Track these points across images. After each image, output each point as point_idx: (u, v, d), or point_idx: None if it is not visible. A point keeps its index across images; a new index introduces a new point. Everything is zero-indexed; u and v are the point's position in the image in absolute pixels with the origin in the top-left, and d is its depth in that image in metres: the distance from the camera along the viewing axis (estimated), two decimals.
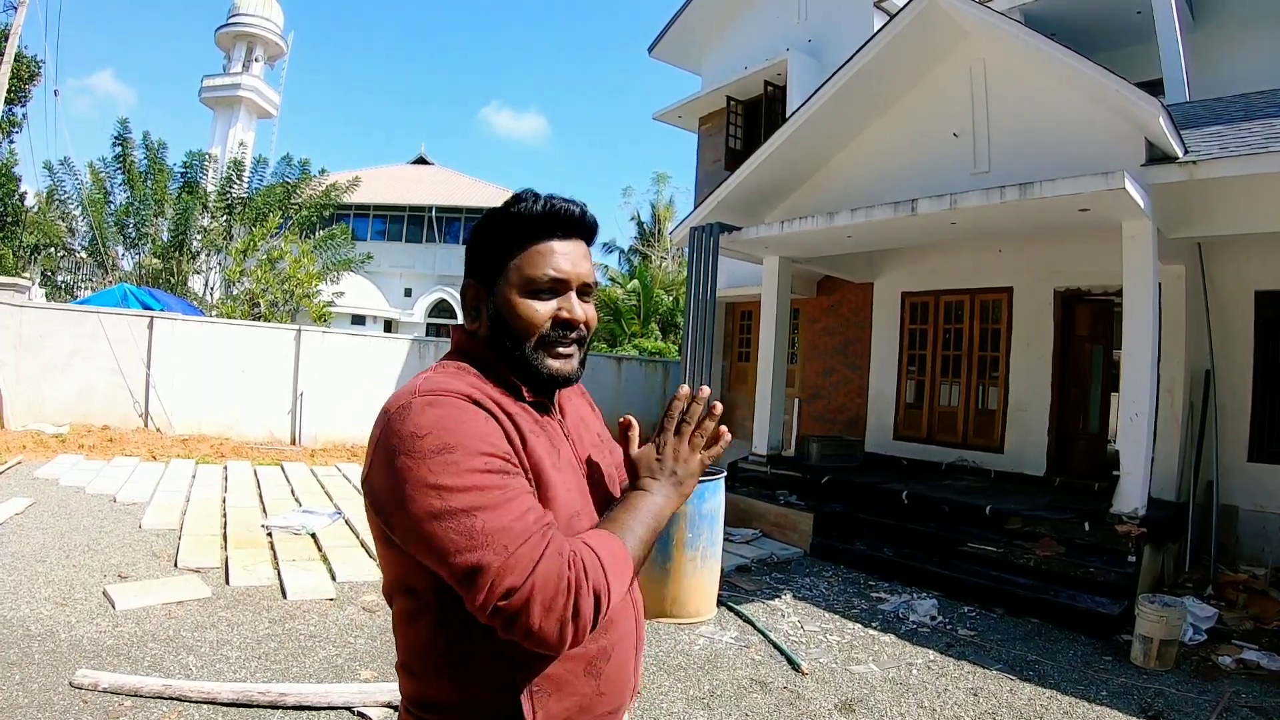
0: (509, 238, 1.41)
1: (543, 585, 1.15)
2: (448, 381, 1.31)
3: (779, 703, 4.71)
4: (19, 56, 18.19)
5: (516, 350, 1.41)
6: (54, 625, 5.09)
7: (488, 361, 1.43)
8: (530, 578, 1.14)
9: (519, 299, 1.39)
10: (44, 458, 11.02)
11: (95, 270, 20.71)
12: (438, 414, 1.24)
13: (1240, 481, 8.51)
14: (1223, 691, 5.21)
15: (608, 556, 1.24)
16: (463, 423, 1.24)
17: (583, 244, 1.46)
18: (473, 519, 1.16)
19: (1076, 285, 10.13)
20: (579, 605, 1.17)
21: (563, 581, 1.16)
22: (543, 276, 1.39)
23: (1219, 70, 10.45)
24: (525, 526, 1.19)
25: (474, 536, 1.16)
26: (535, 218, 1.40)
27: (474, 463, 1.20)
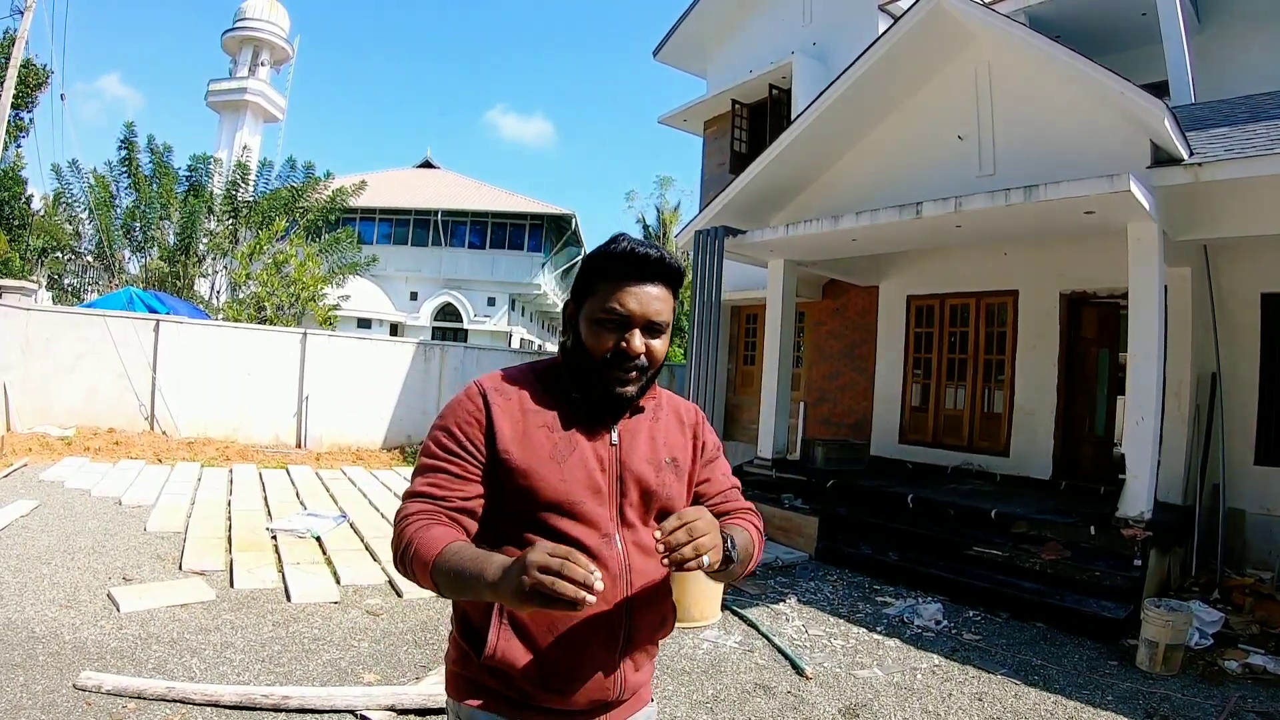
0: (596, 273, 1.65)
1: (397, 525, 1.57)
2: (497, 376, 1.71)
3: (783, 707, 4.69)
4: (26, 62, 18.28)
5: (587, 369, 1.64)
6: (58, 627, 5.09)
7: (559, 370, 1.72)
8: (402, 508, 1.59)
9: (589, 326, 1.63)
10: (50, 460, 11.05)
11: (102, 273, 20.76)
12: (457, 396, 1.69)
13: (1247, 485, 8.47)
14: (1229, 696, 5.18)
15: (419, 545, 1.48)
16: (457, 404, 1.66)
17: (660, 287, 1.64)
18: (419, 461, 1.66)
19: (1082, 288, 10.10)
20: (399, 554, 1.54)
21: (399, 528, 1.56)
22: (609, 309, 1.61)
23: (1224, 72, 10.42)
24: (412, 487, 1.62)
25: (419, 467, 1.65)
26: (615, 257, 1.62)
27: (437, 434, 1.64)
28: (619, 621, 1.64)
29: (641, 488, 1.70)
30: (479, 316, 30.69)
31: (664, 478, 1.74)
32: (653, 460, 1.73)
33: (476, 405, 1.63)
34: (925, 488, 9.41)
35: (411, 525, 1.52)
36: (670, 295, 1.67)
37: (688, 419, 1.88)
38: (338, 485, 11.05)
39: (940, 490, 9.32)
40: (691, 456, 1.85)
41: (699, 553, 1.41)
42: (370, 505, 9.74)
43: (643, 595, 1.69)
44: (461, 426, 1.61)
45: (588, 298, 1.65)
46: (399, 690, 4.40)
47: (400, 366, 16.23)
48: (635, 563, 1.67)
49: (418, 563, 1.45)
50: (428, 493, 1.58)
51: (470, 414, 1.62)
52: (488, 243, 31.30)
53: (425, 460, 1.63)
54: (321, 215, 23.07)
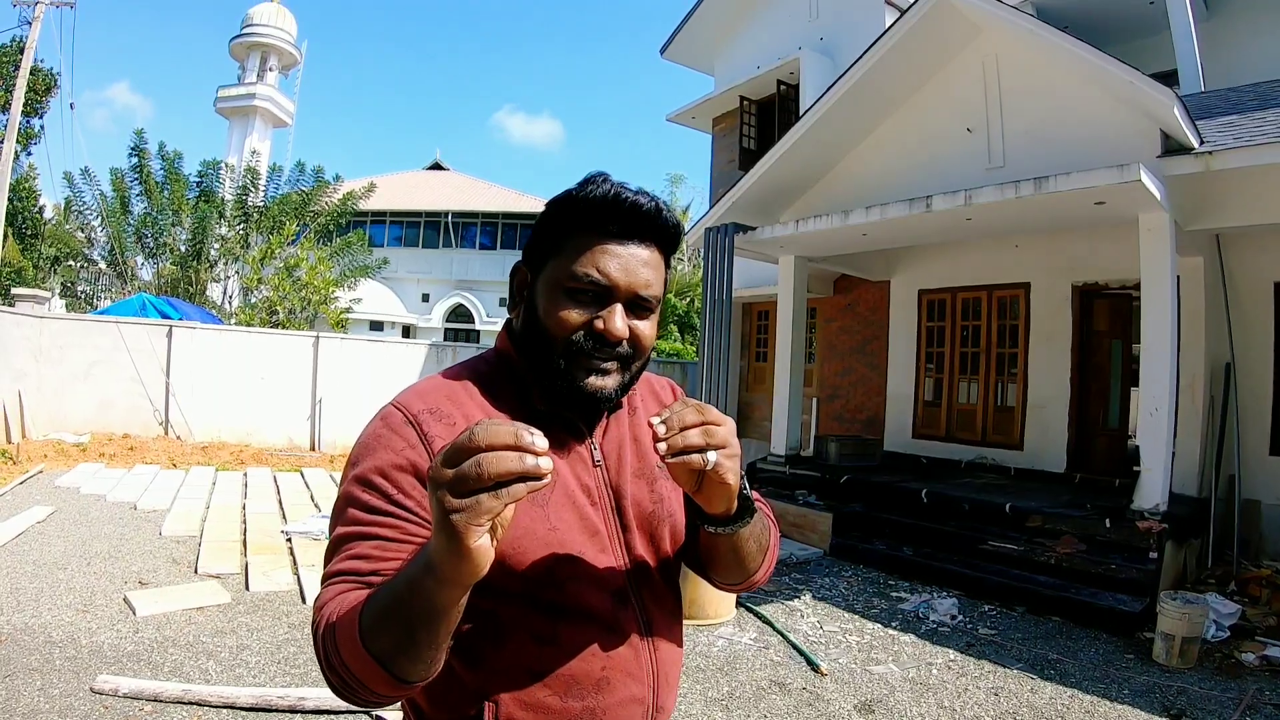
0: (565, 222, 1.21)
1: (314, 623, 1.06)
2: (425, 392, 1.21)
3: (798, 704, 4.69)
4: (35, 70, 18.36)
5: (544, 356, 1.20)
6: (75, 631, 5.12)
7: (511, 363, 1.27)
8: (320, 591, 1.08)
9: (554, 295, 1.20)
10: (65, 467, 11.11)
11: (114, 280, 20.90)
12: (374, 428, 1.17)
13: (1262, 476, 8.42)
14: (1246, 689, 5.16)
15: (340, 622, 1.00)
16: (379, 441, 1.14)
17: (651, 250, 1.23)
18: (332, 529, 1.14)
19: (1094, 280, 10.05)
20: (323, 657, 1.02)
21: (315, 630, 1.05)
22: (582, 275, 1.18)
23: (1233, 60, 10.34)
24: (328, 566, 1.10)
25: (330, 539, 1.14)
26: (592, 204, 1.19)
27: (354, 488, 1.12)
28: (646, 692, 1.26)
29: (642, 516, 1.31)
30: (491, 317, 30.69)
31: (661, 490, 1.35)
32: (644, 472, 1.33)
33: (407, 441, 1.13)
34: (939, 483, 9.39)
35: (324, 611, 1.04)
36: (663, 263, 1.26)
37: (666, 399, 1.46)
38: None
39: (954, 485, 9.29)
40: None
41: (709, 442, 1.03)
42: None
43: (666, 654, 1.31)
44: (388, 474, 1.11)
45: (551, 259, 1.22)
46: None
47: (413, 368, 16.26)
48: (655, 618, 1.29)
49: (344, 643, 0.97)
50: (350, 569, 1.07)
51: (399, 454, 1.12)
52: (499, 243, 31.30)
53: (342, 529, 1.11)
54: (332, 219, 23.17)
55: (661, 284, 1.25)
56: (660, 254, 1.25)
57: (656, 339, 1.30)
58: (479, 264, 30.99)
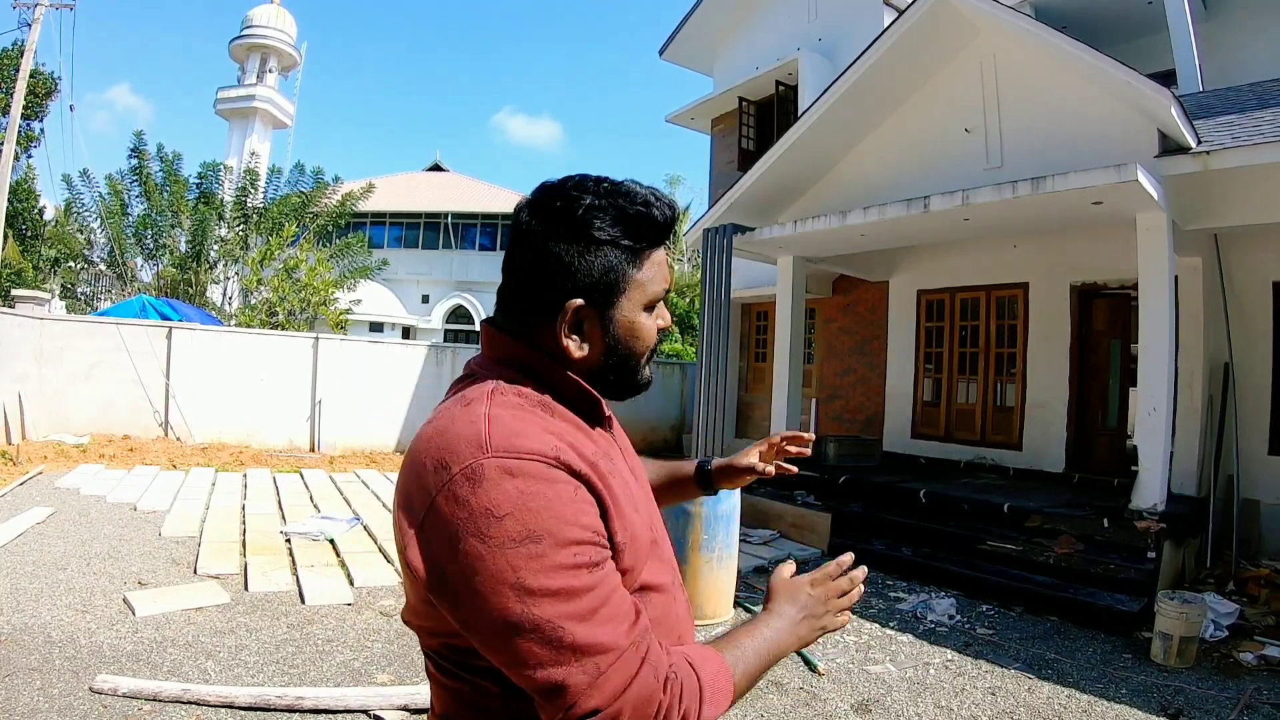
0: (631, 245, 1.18)
1: (632, 712, 0.98)
2: (523, 431, 1.07)
3: (795, 703, 4.70)
4: (35, 72, 18.40)
5: (629, 367, 1.23)
6: (75, 632, 5.13)
7: (566, 385, 1.21)
8: (619, 701, 0.98)
9: (638, 315, 1.21)
10: (65, 468, 11.12)
11: (114, 282, 20.93)
12: (520, 488, 1.00)
13: (1261, 475, 8.45)
14: (1244, 689, 5.16)
15: (709, 686, 1.07)
16: (551, 503, 1.00)
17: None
18: (559, 632, 0.96)
19: (1093, 280, 10.07)
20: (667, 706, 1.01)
21: (653, 708, 1.00)
22: (661, 293, 1.22)
23: (1232, 59, 10.37)
24: (614, 638, 0.99)
25: (560, 651, 0.97)
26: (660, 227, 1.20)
27: (563, 557, 0.99)
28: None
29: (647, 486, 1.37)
30: None
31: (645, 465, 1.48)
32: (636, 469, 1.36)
33: (574, 488, 1.04)
34: (938, 483, 9.40)
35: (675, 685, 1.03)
36: None
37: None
38: (351, 488, 11.08)
39: (953, 485, 9.31)
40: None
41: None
42: (383, 507, 9.75)
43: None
44: (582, 522, 1.03)
45: (620, 285, 1.18)
46: (412, 690, 4.42)
47: (413, 369, 16.27)
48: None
49: (712, 703, 1.06)
50: (641, 629, 1.03)
51: (578, 506, 1.03)
52: (498, 244, 31.27)
53: (582, 604, 0.98)
54: (331, 220, 23.19)
55: None
56: None
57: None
58: (479, 265, 30.99)
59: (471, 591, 0.98)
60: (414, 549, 1.04)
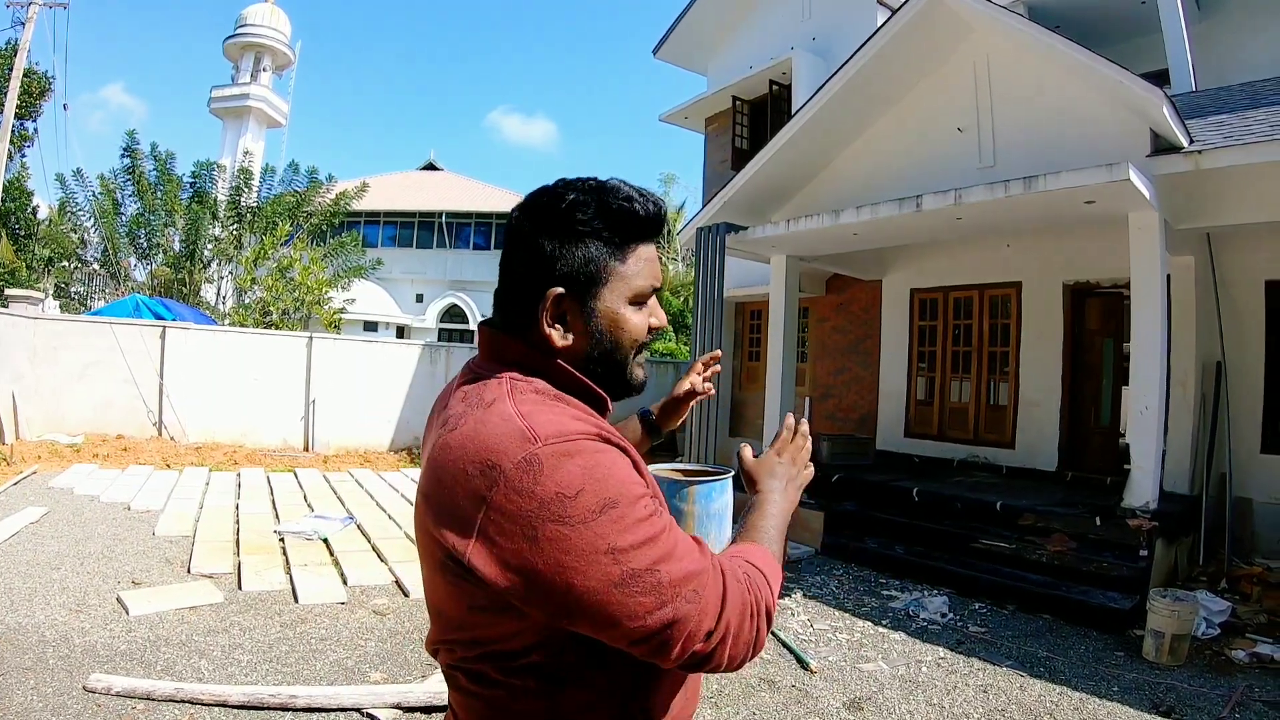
0: (614, 238, 1.21)
1: (736, 619, 1.08)
2: (557, 420, 1.10)
3: (787, 701, 4.71)
4: (29, 72, 18.38)
5: (615, 362, 1.25)
6: (68, 631, 5.13)
7: (565, 378, 1.23)
8: (723, 615, 1.07)
9: (623, 308, 1.23)
10: (59, 468, 11.11)
11: (108, 281, 20.87)
12: (582, 464, 1.05)
13: (1254, 474, 8.47)
14: (1236, 686, 5.19)
15: (769, 570, 1.19)
16: (611, 470, 1.07)
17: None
18: (657, 575, 1.03)
19: (1086, 278, 10.10)
20: (759, 627, 1.12)
21: (747, 609, 1.10)
22: (648, 288, 1.25)
23: (1225, 59, 10.41)
24: (699, 564, 1.08)
25: (663, 593, 1.03)
26: (640, 219, 1.22)
27: (638, 511, 1.05)
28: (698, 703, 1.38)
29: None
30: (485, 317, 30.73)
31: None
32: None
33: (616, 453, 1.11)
34: (931, 481, 9.42)
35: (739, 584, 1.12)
36: None
37: None
38: (345, 487, 11.08)
39: (946, 484, 9.33)
40: None
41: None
42: (377, 506, 9.77)
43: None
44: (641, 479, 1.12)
45: (601, 277, 1.21)
46: (405, 689, 4.43)
47: (407, 369, 16.27)
48: None
49: (776, 580, 1.20)
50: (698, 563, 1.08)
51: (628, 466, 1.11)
52: (493, 243, 31.27)
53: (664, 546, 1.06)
54: (325, 219, 23.12)
55: None
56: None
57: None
58: (473, 264, 30.98)
59: (566, 573, 1.01)
60: (480, 558, 1.04)
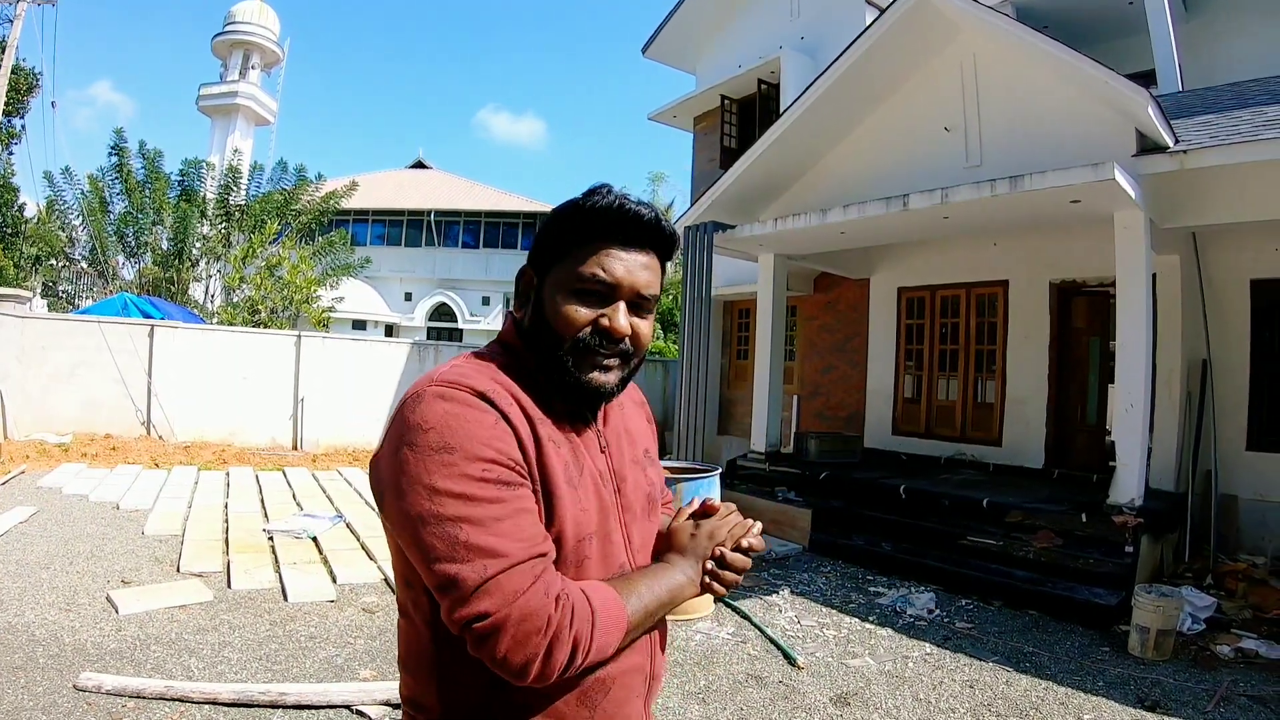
0: (571, 230, 1.29)
1: (519, 619, 1.09)
2: (469, 374, 1.22)
3: (774, 696, 4.74)
4: (16, 68, 18.25)
5: (552, 353, 1.28)
6: (58, 630, 5.13)
7: (524, 357, 1.33)
8: (508, 608, 1.08)
9: (561, 296, 1.28)
10: (47, 467, 11.08)
11: (96, 280, 20.79)
12: (445, 408, 1.15)
13: (1239, 471, 8.53)
14: (1221, 680, 5.23)
15: (602, 612, 1.17)
16: (468, 422, 1.15)
17: (650, 255, 1.33)
18: (457, 529, 1.10)
19: (1073, 277, 10.15)
20: (552, 649, 1.10)
21: (542, 620, 1.10)
22: (588, 275, 1.27)
23: (1212, 59, 10.48)
24: (511, 550, 1.11)
25: (454, 548, 1.09)
26: (598, 213, 1.27)
27: (471, 468, 1.12)
28: (647, 661, 1.40)
29: (639, 497, 1.43)
30: (474, 316, 30.67)
31: (651, 474, 1.50)
32: (638, 460, 1.47)
33: (494, 419, 1.18)
34: (918, 479, 9.45)
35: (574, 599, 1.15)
36: (660, 266, 1.35)
37: (638, 398, 1.60)
38: (334, 486, 11.08)
39: (933, 481, 9.36)
40: (654, 444, 1.61)
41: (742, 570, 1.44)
42: (366, 505, 9.76)
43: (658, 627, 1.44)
44: (501, 450, 1.16)
45: (558, 262, 1.30)
46: (394, 686, 4.43)
47: (395, 367, 16.26)
48: None
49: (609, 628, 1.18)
50: (543, 551, 1.16)
51: (495, 427, 1.17)
52: (481, 242, 31.27)
53: (492, 509, 1.12)
54: (314, 218, 23.09)
55: (659, 285, 1.35)
56: (658, 259, 1.35)
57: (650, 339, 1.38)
58: (462, 263, 30.95)
59: (396, 491, 1.15)
60: (375, 462, 1.24)
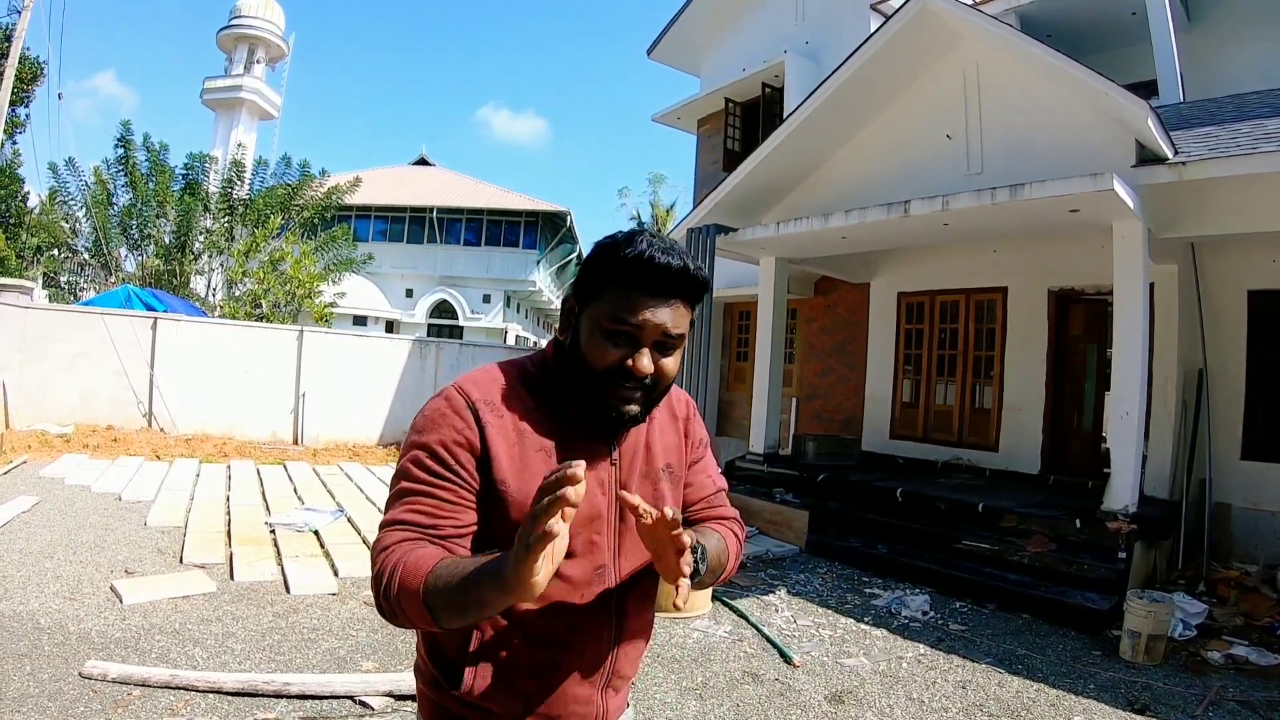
0: (606, 274, 1.42)
1: (376, 559, 1.34)
2: (481, 382, 1.47)
3: (770, 694, 4.80)
4: (21, 58, 18.27)
5: (584, 379, 1.43)
6: (63, 619, 5.19)
7: (557, 377, 1.51)
8: (377, 543, 1.36)
9: (594, 333, 1.42)
10: (49, 457, 11.13)
11: (99, 272, 20.80)
12: (435, 405, 1.44)
13: (1233, 479, 8.57)
14: (1210, 685, 5.29)
15: (400, 571, 1.27)
16: (439, 418, 1.41)
17: (677, 302, 1.44)
18: (392, 486, 1.43)
19: (1071, 285, 10.21)
20: (381, 590, 1.30)
21: (377, 566, 1.32)
22: (619, 321, 1.40)
23: (1214, 70, 10.53)
24: (391, 514, 1.38)
25: (390, 505, 1.41)
26: (631, 263, 1.39)
27: (419, 454, 1.40)
28: (605, 656, 1.53)
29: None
30: (474, 313, 30.74)
31: (662, 489, 1.60)
32: (650, 474, 1.59)
33: (466, 422, 1.40)
34: (915, 482, 9.52)
35: (392, 554, 1.30)
36: (690, 311, 1.47)
37: (679, 412, 1.73)
38: (335, 481, 11.14)
39: (930, 485, 9.43)
40: (683, 458, 1.71)
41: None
42: (367, 500, 9.82)
43: (632, 629, 1.58)
44: (449, 447, 1.38)
45: (593, 299, 1.44)
46: (396, 677, 4.51)
47: (396, 363, 16.32)
48: (629, 598, 1.55)
49: (405, 592, 1.24)
50: (411, 520, 1.36)
51: (459, 432, 1.39)
52: (483, 240, 31.34)
53: (405, 484, 1.39)
54: (317, 213, 23.08)
55: (687, 323, 1.47)
56: (686, 305, 1.46)
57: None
58: (463, 260, 31.02)
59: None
60: None
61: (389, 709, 4.23)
